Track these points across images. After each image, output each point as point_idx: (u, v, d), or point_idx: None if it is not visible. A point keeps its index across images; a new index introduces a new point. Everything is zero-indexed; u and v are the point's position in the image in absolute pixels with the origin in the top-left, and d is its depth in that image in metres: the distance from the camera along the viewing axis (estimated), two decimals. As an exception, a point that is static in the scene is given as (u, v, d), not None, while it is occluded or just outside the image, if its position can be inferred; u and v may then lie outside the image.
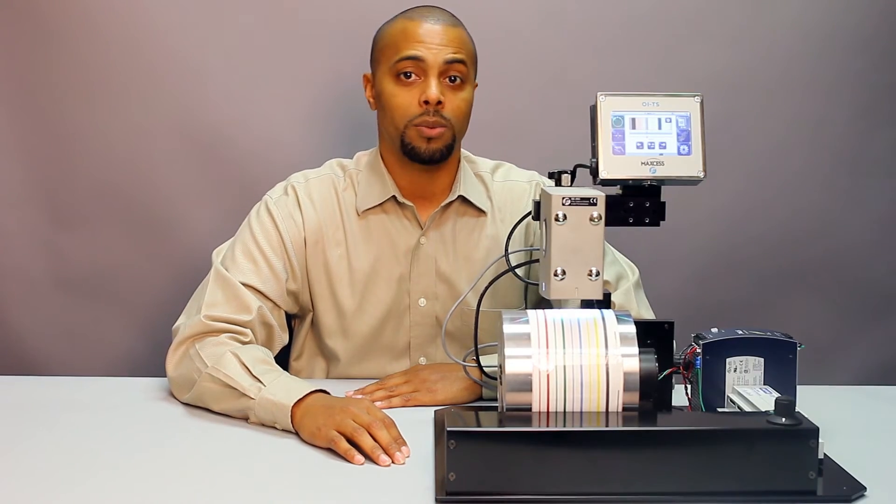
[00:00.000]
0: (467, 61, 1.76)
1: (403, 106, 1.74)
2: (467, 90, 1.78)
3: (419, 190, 1.84)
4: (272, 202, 1.82)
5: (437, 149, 1.75)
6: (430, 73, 1.73)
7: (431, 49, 1.73)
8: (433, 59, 1.73)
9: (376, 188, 1.83)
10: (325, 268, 1.82)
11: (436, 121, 1.73)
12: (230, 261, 1.77)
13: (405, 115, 1.75)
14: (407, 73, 1.74)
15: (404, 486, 1.34)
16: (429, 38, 1.74)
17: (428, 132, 1.74)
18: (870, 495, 1.29)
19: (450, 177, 1.85)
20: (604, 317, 1.36)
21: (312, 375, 1.90)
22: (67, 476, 1.37)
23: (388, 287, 1.84)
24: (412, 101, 1.74)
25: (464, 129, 1.80)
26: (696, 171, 1.41)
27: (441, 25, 1.75)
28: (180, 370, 1.68)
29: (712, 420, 1.37)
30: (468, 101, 1.78)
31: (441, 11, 1.79)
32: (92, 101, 2.20)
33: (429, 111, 1.73)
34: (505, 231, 1.85)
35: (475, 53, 1.82)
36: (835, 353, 2.37)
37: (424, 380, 1.72)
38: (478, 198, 1.86)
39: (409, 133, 1.75)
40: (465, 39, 1.78)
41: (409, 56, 1.73)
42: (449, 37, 1.75)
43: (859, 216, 2.36)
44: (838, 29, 2.28)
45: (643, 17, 2.25)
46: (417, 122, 1.74)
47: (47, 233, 2.24)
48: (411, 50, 1.73)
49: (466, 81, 1.77)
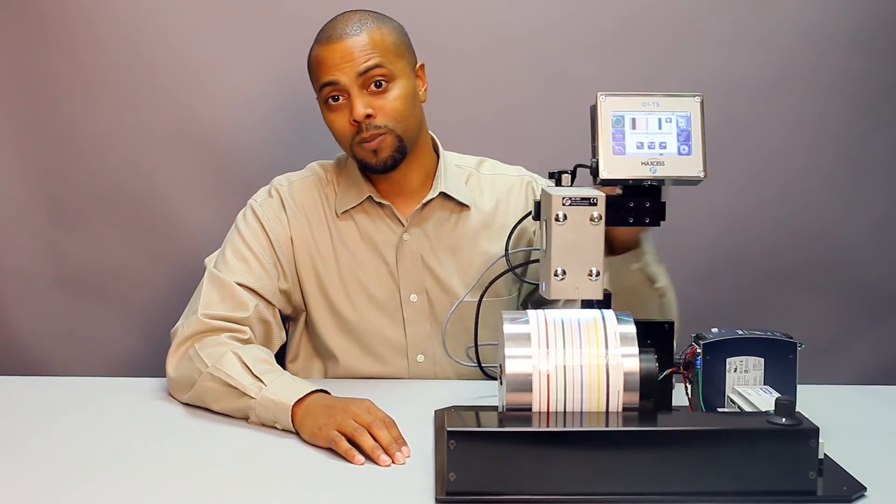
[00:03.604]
0: (385, 60, 1.74)
1: (340, 129, 1.76)
2: (398, 86, 1.75)
3: (395, 189, 1.85)
4: (257, 205, 1.84)
5: (386, 157, 1.76)
6: (351, 91, 1.73)
7: (342, 68, 1.72)
8: (347, 77, 1.72)
9: (353, 190, 1.85)
10: (314, 267, 1.84)
11: (372, 134, 1.74)
12: (222, 263, 1.79)
13: (345, 137, 1.77)
14: (333, 96, 1.75)
15: (404, 486, 1.34)
16: (338, 58, 1.73)
17: (369, 146, 1.75)
18: (870, 495, 1.29)
19: (423, 170, 1.85)
20: (604, 317, 1.36)
21: (310, 376, 1.89)
22: (67, 476, 1.37)
23: (377, 284, 1.85)
24: (345, 123, 1.75)
25: (410, 123, 1.77)
26: (697, 171, 1.41)
27: (347, 39, 1.73)
28: (180, 371, 1.68)
29: (712, 420, 1.37)
30: (402, 98, 1.75)
31: (346, 21, 1.76)
32: (92, 101, 2.20)
33: (361, 127, 1.73)
34: (492, 222, 1.86)
35: (399, 42, 1.78)
36: (835, 353, 2.37)
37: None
38: (459, 192, 1.86)
39: (356, 151, 1.77)
40: (376, 39, 1.74)
41: (325, 83, 1.74)
42: (358, 47, 1.73)
43: (859, 216, 2.36)
44: (838, 29, 2.28)
45: (643, 17, 2.25)
46: (357, 140, 1.75)
47: (47, 233, 2.24)
48: (326, 76, 1.74)
49: (393, 79, 1.75)
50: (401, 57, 1.77)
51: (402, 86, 1.76)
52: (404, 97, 1.76)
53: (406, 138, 1.77)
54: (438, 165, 1.87)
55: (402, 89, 1.76)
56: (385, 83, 1.74)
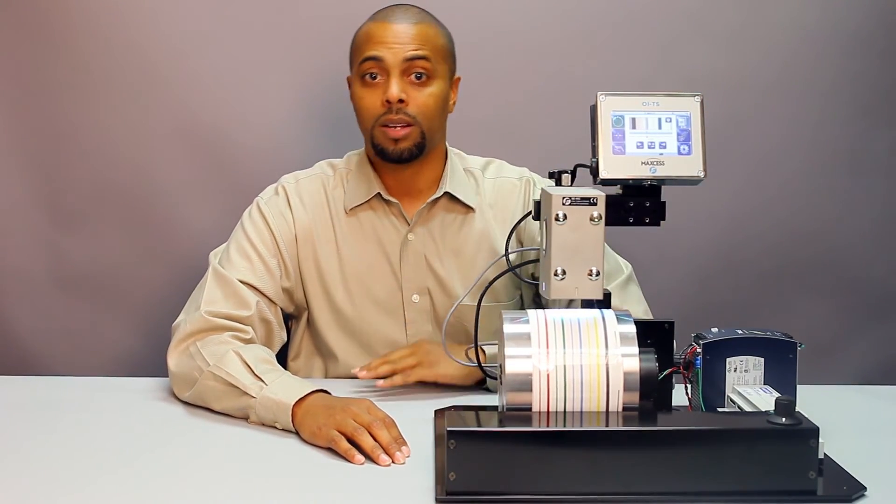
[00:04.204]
0: (432, 56, 1.76)
1: (368, 107, 1.77)
2: (435, 85, 1.77)
3: (404, 187, 1.85)
4: (263, 202, 1.85)
5: (405, 148, 1.77)
6: (391, 73, 1.74)
7: (392, 48, 1.74)
8: (393, 58, 1.74)
9: (363, 186, 1.85)
10: (317, 266, 1.84)
11: (400, 118, 1.74)
12: (226, 260, 1.80)
13: (371, 116, 1.77)
14: (371, 73, 1.76)
15: (404, 486, 1.34)
16: (390, 38, 1.75)
17: (393, 133, 1.75)
18: (870, 495, 1.29)
19: (434, 172, 1.86)
20: (604, 317, 1.36)
21: (311, 375, 1.90)
22: (67, 476, 1.37)
23: (380, 284, 1.85)
24: (376, 101, 1.76)
25: (435, 124, 1.80)
26: (696, 171, 1.41)
27: (403, 24, 1.76)
28: (181, 367, 1.68)
29: (712, 420, 1.37)
30: (437, 97, 1.78)
31: (406, 9, 1.80)
32: (92, 101, 2.20)
33: (392, 109, 1.74)
34: (495, 227, 1.86)
35: (448, 47, 1.81)
36: (835, 353, 2.37)
37: (428, 352, 1.73)
38: (465, 194, 1.86)
39: (377, 134, 1.77)
40: (429, 35, 1.77)
41: (370, 57, 1.75)
42: (411, 34, 1.75)
43: (859, 216, 2.36)
44: (838, 29, 2.28)
45: (643, 16, 2.25)
46: (383, 121, 1.75)
47: (47, 233, 2.24)
48: (372, 51, 1.75)
49: (433, 77, 1.77)
50: (445, 61, 1.80)
51: (438, 86, 1.78)
52: (438, 97, 1.78)
53: (428, 137, 1.79)
54: (446, 167, 1.87)
55: (438, 89, 1.78)
56: (425, 77, 1.76)
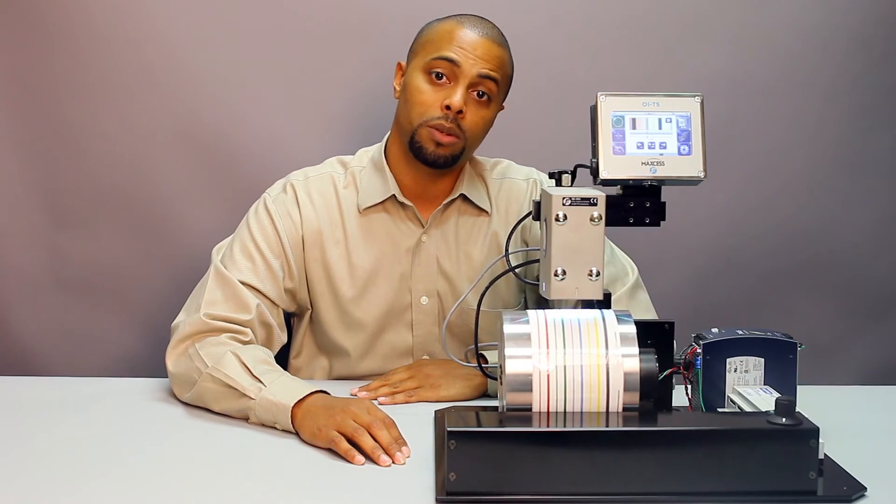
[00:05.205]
0: (500, 81, 1.75)
1: (425, 104, 1.74)
2: (491, 109, 1.77)
3: (421, 190, 1.83)
4: (270, 200, 1.82)
5: (444, 155, 1.75)
6: (460, 81, 1.72)
7: (469, 58, 1.72)
8: (468, 68, 1.72)
9: (378, 186, 1.83)
10: (325, 266, 1.82)
11: (451, 128, 1.73)
12: (229, 259, 1.78)
13: (423, 114, 1.74)
14: (439, 73, 1.73)
15: (404, 486, 1.34)
16: (471, 47, 1.73)
17: (439, 137, 1.73)
18: (870, 495, 1.29)
19: (453, 181, 1.85)
20: (604, 317, 1.36)
21: (313, 374, 1.90)
22: (67, 476, 1.37)
23: (389, 285, 1.83)
24: (435, 101, 1.73)
25: (476, 144, 1.79)
26: (697, 171, 1.41)
27: (487, 39, 1.74)
28: (180, 367, 1.68)
29: (712, 420, 1.37)
30: (487, 120, 1.77)
31: (493, 27, 1.78)
32: (92, 102, 2.19)
33: (447, 117, 1.72)
34: (504, 229, 1.85)
35: (510, 77, 1.81)
36: (835, 353, 2.37)
37: (428, 375, 1.73)
38: (479, 197, 1.86)
39: (421, 132, 1.74)
40: (504, 60, 1.77)
41: (446, 57, 1.73)
42: (491, 53, 1.74)
43: (859, 216, 2.36)
44: (838, 29, 2.28)
45: (643, 17, 2.25)
46: (433, 123, 1.73)
47: (47, 233, 2.24)
48: (450, 52, 1.73)
49: (493, 101, 1.77)
50: (504, 90, 1.80)
51: (493, 111, 1.78)
52: (488, 121, 1.78)
53: (465, 154, 1.78)
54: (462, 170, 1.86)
55: (491, 115, 1.78)
56: (486, 99, 1.75)
